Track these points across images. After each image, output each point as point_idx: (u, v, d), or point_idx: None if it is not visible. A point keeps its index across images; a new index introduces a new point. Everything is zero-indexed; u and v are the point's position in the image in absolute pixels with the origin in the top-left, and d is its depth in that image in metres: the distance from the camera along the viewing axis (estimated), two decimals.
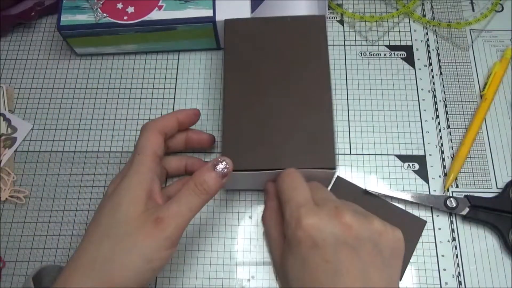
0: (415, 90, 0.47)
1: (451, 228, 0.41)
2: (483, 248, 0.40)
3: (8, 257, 0.42)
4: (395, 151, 0.44)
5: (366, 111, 0.46)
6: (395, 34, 0.50)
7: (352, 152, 0.44)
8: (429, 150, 0.44)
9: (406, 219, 0.41)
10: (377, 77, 0.48)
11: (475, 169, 0.43)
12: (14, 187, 0.44)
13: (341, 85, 0.47)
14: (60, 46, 0.50)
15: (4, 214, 0.43)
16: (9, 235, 0.42)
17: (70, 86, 0.48)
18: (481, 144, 0.44)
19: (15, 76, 0.49)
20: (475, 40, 0.49)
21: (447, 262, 0.40)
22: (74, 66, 0.49)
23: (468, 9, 0.51)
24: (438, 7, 0.51)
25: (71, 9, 0.45)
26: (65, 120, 0.47)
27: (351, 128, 0.45)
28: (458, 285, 0.39)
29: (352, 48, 0.49)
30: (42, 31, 0.51)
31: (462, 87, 0.47)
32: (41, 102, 0.48)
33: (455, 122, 0.46)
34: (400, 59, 0.48)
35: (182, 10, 0.45)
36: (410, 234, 0.40)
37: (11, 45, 0.51)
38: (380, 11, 0.51)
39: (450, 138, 0.45)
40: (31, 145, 0.46)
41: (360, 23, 0.50)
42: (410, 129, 0.45)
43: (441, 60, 0.48)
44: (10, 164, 0.45)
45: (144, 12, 0.45)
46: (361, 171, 0.44)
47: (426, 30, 0.50)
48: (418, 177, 0.43)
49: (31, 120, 0.47)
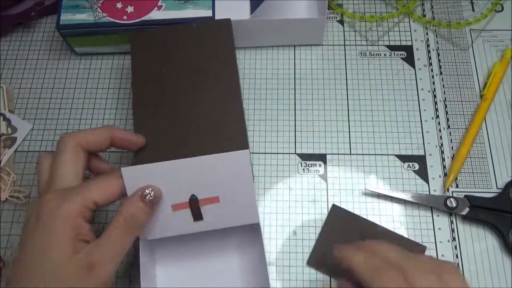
0: (415, 90, 0.47)
1: (451, 228, 0.41)
2: (483, 248, 0.40)
3: (8, 257, 0.41)
4: (395, 151, 0.44)
5: (366, 111, 0.46)
6: (395, 34, 0.50)
7: (352, 152, 0.44)
8: (429, 150, 0.44)
9: (406, 246, 0.39)
10: (377, 77, 0.48)
11: (475, 169, 0.43)
12: (14, 187, 0.44)
13: (341, 85, 0.47)
14: (60, 46, 0.50)
15: (4, 214, 0.43)
16: (9, 235, 0.42)
17: (70, 86, 0.48)
18: (481, 144, 0.44)
19: (15, 76, 0.49)
20: (475, 40, 0.49)
21: None
22: (74, 66, 0.49)
23: (468, 9, 0.51)
24: (438, 7, 0.51)
25: (71, 8, 0.45)
26: (65, 120, 0.47)
27: (351, 128, 0.45)
28: None
29: (352, 48, 0.49)
30: (42, 31, 0.51)
31: (462, 87, 0.47)
32: (41, 102, 0.48)
33: (455, 122, 0.45)
34: (400, 59, 0.48)
35: (181, 10, 0.45)
36: None
37: (11, 45, 0.51)
38: (380, 11, 0.51)
39: (450, 138, 0.45)
40: (31, 145, 0.46)
41: (360, 23, 0.50)
42: (410, 129, 0.45)
43: (441, 60, 0.48)
44: (10, 164, 0.45)
45: (143, 12, 0.45)
46: (361, 171, 0.44)
47: (426, 30, 0.50)
48: (418, 177, 0.43)
49: (31, 120, 0.47)
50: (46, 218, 0.30)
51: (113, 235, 0.31)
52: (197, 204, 0.36)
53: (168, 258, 0.40)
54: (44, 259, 0.30)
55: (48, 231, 0.30)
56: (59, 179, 0.33)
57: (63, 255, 0.30)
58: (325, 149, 0.45)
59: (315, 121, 0.46)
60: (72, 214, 0.31)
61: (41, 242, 0.30)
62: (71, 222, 0.30)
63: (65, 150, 0.33)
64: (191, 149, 0.37)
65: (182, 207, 0.36)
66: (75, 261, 0.30)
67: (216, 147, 0.37)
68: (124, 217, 0.32)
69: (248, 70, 0.48)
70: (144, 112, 0.40)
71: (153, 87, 0.40)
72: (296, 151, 0.45)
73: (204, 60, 0.41)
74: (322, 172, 0.44)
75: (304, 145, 0.45)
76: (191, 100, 0.40)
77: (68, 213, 0.30)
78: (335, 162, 0.44)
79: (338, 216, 0.42)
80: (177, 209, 0.36)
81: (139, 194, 0.33)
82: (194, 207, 0.36)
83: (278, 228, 0.42)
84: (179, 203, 0.36)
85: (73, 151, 0.34)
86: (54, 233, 0.30)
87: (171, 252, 0.40)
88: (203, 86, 0.40)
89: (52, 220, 0.30)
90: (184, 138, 0.39)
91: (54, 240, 0.30)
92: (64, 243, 0.30)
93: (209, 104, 0.40)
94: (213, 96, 0.40)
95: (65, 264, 0.29)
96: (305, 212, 0.42)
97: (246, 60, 0.49)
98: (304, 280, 0.40)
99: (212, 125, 0.39)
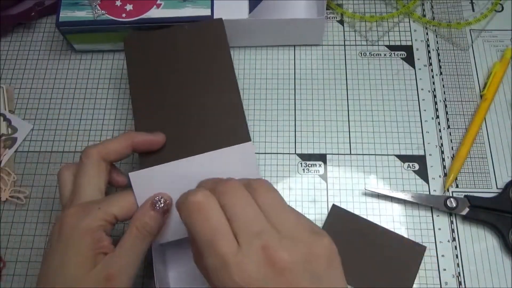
0: (415, 90, 0.47)
1: (451, 228, 0.41)
2: (483, 248, 0.40)
3: (9, 257, 0.42)
4: (395, 151, 0.44)
5: (366, 111, 0.46)
6: (395, 34, 0.50)
7: (352, 152, 0.44)
8: (429, 150, 0.44)
9: (406, 246, 0.40)
10: (377, 77, 0.48)
11: (475, 169, 0.43)
12: (14, 187, 0.44)
13: (341, 85, 0.47)
14: (60, 46, 0.50)
15: (4, 214, 0.43)
16: (10, 235, 0.42)
17: (70, 86, 0.48)
18: (481, 144, 0.44)
19: (15, 76, 0.49)
20: (475, 40, 0.49)
21: (447, 262, 0.40)
22: (74, 66, 0.49)
23: (468, 9, 0.51)
24: (438, 7, 0.51)
25: (70, 6, 0.45)
26: (65, 121, 0.47)
27: (351, 128, 0.45)
28: (458, 285, 0.39)
29: (352, 48, 0.49)
30: (42, 31, 0.51)
31: (462, 87, 0.47)
32: (41, 102, 0.48)
33: (455, 122, 0.45)
34: (400, 59, 0.48)
35: (180, 8, 0.45)
36: (410, 261, 0.39)
37: (11, 45, 0.51)
38: (380, 11, 0.51)
39: (450, 138, 0.45)
40: (31, 146, 0.46)
41: (360, 23, 0.50)
42: (410, 129, 0.45)
43: (441, 60, 0.48)
44: (10, 164, 0.45)
45: (142, 10, 0.45)
46: (361, 171, 0.44)
47: (426, 30, 0.50)
48: (418, 177, 0.43)
49: (31, 120, 0.47)
50: (68, 232, 0.32)
51: (126, 244, 0.32)
52: None
53: (179, 260, 0.40)
54: (64, 274, 0.31)
55: (69, 245, 0.31)
56: (82, 193, 0.34)
57: (83, 270, 0.31)
58: (325, 149, 0.45)
59: (315, 121, 0.46)
60: (93, 227, 0.32)
61: (62, 257, 0.31)
62: (92, 235, 0.31)
63: (88, 164, 0.34)
64: (195, 147, 0.37)
65: None
66: (93, 275, 0.31)
67: (219, 142, 0.37)
68: (136, 226, 0.32)
69: (248, 70, 0.48)
70: (144, 116, 0.40)
71: (151, 89, 0.40)
72: (296, 151, 0.45)
73: (199, 59, 0.41)
74: (322, 172, 0.44)
75: (304, 145, 0.45)
76: (190, 99, 0.40)
77: (89, 227, 0.32)
78: (335, 162, 0.44)
79: (338, 216, 0.42)
80: None
81: (150, 203, 0.34)
82: None
83: None
84: None
85: (96, 165, 0.34)
86: (75, 248, 0.31)
87: (182, 254, 0.40)
88: (200, 84, 0.40)
89: (74, 234, 0.31)
90: (186, 137, 0.39)
91: (74, 255, 0.31)
92: (83, 257, 0.31)
93: (208, 101, 0.40)
94: (210, 92, 0.40)
95: (84, 279, 0.30)
96: (305, 212, 0.42)
97: (246, 60, 0.49)
98: None
99: (213, 121, 0.39)
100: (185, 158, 0.36)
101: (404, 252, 0.40)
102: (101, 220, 0.32)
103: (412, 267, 0.39)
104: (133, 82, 0.41)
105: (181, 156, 0.36)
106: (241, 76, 0.48)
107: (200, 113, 0.39)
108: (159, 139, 0.37)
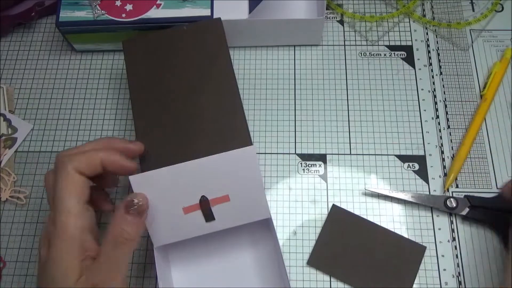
0: (415, 90, 0.47)
1: (451, 228, 0.41)
2: (483, 248, 0.40)
3: (9, 257, 0.42)
4: (395, 151, 0.44)
5: (366, 111, 0.46)
6: (395, 34, 0.50)
7: (352, 152, 0.44)
8: (429, 150, 0.44)
9: (406, 246, 0.40)
10: (377, 77, 0.48)
11: (475, 169, 0.43)
12: (14, 187, 0.44)
13: (341, 85, 0.47)
14: (60, 46, 0.51)
15: (5, 214, 0.43)
16: (10, 235, 0.42)
17: (71, 87, 0.48)
18: (481, 144, 0.44)
19: (15, 76, 0.49)
20: (475, 40, 0.49)
21: (447, 262, 0.40)
22: (75, 67, 0.49)
23: (468, 9, 0.51)
24: (438, 7, 0.51)
25: (70, 6, 0.45)
26: (65, 121, 0.47)
27: (351, 128, 0.45)
28: (458, 285, 0.39)
29: (352, 48, 0.49)
30: (42, 31, 0.52)
31: (462, 87, 0.47)
32: (41, 102, 0.48)
33: (455, 122, 0.45)
34: (400, 59, 0.48)
35: (180, 9, 0.45)
36: (410, 261, 0.40)
37: (11, 45, 0.51)
38: (380, 11, 0.51)
39: (450, 138, 0.45)
40: (31, 146, 0.46)
41: (360, 23, 0.50)
42: (410, 129, 0.45)
43: (441, 60, 0.48)
44: (10, 164, 0.45)
45: (142, 10, 0.45)
46: (361, 171, 0.44)
47: (426, 30, 0.50)
48: (418, 177, 0.43)
49: (31, 120, 0.47)
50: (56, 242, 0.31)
51: (107, 253, 0.31)
52: (208, 205, 0.36)
53: (182, 260, 0.40)
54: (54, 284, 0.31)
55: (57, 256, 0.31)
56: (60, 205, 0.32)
57: (70, 281, 0.30)
58: (325, 149, 0.45)
59: (315, 121, 0.46)
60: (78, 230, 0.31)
61: (52, 269, 0.31)
62: (78, 242, 0.31)
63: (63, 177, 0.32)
64: (196, 151, 0.37)
65: (193, 209, 0.36)
66: (80, 285, 0.30)
67: (220, 145, 0.37)
68: (112, 234, 0.32)
69: (248, 70, 0.48)
70: (145, 119, 0.39)
71: (151, 92, 0.40)
72: (296, 151, 0.45)
73: (199, 60, 0.41)
74: (322, 172, 0.44)
75: (304, 145, 0.45)
76: (190, 101, 0.40)
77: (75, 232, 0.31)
78: (335, 162, 0.44)
79: (338, 216, 0.42)
80: (188, 212, 0.36)
81: (124, 206, 0.32)
82: (205, 208, 0.36)
83: (278, 228, 0.42)
84: (189, 206, 0.36)
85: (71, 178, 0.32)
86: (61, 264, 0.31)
87: (185, 253, 0.40)
88: (200, 86, 0.40)
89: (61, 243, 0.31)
90: (187, 140, 0.39)
91: (62, 266, 0.31)
92: (70, 269, 0.31)
93: (208, 103, 0.40)
94: (210, 95, 0.40)
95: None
96: (305, 212, 0.42)
97: (246, 60, 0.49)
98: (304, 280, 0.40)
99: (213, 124, 0.39)
100: (186, 161, 0.36)
101: (404, 252, 0.40)
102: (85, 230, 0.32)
103: (412, 267, 0.39)
104: (132, 84, 0.41)
105: (182, 159, 0.36)
106: (241, 76, 0.48)
107: (200, 115, 0.39)
108: (136, 148, 0.37)
